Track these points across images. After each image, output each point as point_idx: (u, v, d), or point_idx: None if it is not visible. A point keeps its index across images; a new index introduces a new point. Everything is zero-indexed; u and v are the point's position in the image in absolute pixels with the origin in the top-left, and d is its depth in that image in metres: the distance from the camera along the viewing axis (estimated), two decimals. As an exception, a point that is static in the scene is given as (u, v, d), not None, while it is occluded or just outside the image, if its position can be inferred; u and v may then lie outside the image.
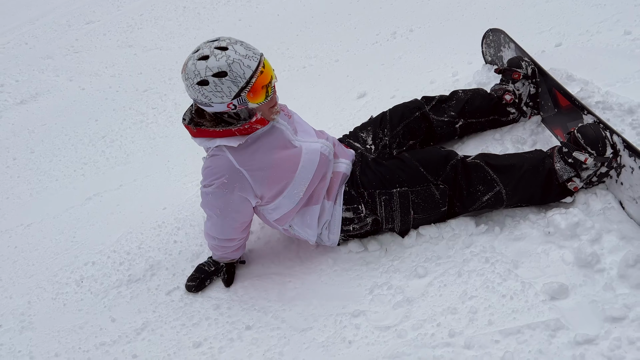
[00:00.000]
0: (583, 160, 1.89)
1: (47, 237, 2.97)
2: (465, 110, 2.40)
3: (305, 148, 2.03)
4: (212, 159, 1.95)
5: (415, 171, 2.06)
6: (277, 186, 1.98)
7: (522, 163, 2.01)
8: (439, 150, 2.15)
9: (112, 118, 4.24)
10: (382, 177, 2.08)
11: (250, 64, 1.77)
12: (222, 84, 1.75)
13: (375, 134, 2.37)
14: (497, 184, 2.00)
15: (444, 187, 2.04)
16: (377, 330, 1.84)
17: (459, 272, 1.94)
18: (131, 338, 2.12)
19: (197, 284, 2.24)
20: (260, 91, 1.82)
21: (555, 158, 1.99)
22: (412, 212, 2.08)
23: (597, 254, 1.77)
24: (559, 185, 1.98)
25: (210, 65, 1.74)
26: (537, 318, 1.67)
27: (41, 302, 2.46)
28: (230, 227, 2.08)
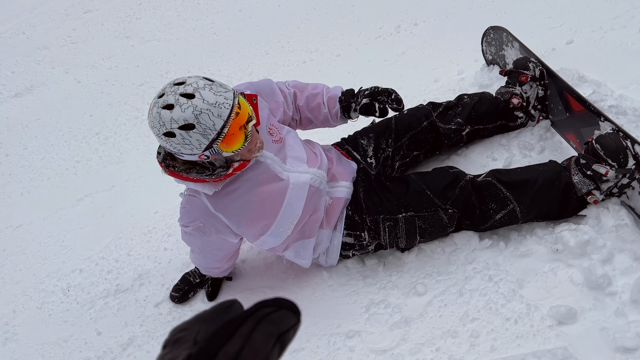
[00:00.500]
0: (604, 173, 1.75)
1: (36, 241, 2.88)
2: (472, 116, 2.27)
3: (292, 182, 1.83)
4: (187, 199, 1.80)
5: (422, 195, 1.92)
6: (258, 225, 1.82)
7: (537, 178, 1.88)
8: (447, 171, 2.00)
9: (107, 113, 4.12)
10: (387, 201, 1.94)
11: (221, 112, 1.50)
12: (189, 136, 1.49)
13: (377, 145, 2.19)
14: (511, 201, 1.88)
15: (452, 211, 1.91)
16: (373, 354, 1.74)
17: (461, 291, 1.83)
18: (116, 354, 2.03)
19: (180, 295, 2.15)
20: (235, 138, 1.57)
21: (573, 170, 1.85)
22: (419, 238, 1.95)
23: (608, 275, 1.66)
24: (577, 199, 1.85)
25: (176, 117, 1.47)
26: (543, 345, 1.56)
27: (26, 311, 2.37)
28: (212, 259, 1.98)
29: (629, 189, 1.80)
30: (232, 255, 2.04)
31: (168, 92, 1.51)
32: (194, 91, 1.49)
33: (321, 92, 2.07)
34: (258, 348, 0.36)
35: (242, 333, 0.36)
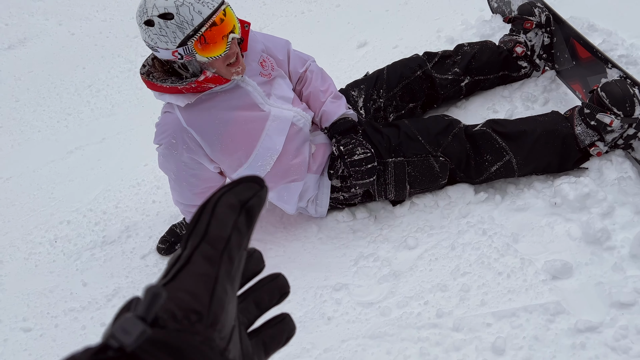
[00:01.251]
0: (608, 122, 1.65)
1: (25, 192, 2.83)
2: (472, 66, 2.15)
3: (273, 114, 1.78)
4: (162, 116, 1.76)
5: (413, 140, 1.85)
6: (235, 154, 1.76)
7: (535, 128, 1.78)
8: (442, 118, 1.92)
9: (99, 66, 4.01)
10: (377, 144, 1.87)
11: (202, 10, 1.51)
12: (167, 27, 1.50)
13: (367, 95, 2.10)
14: (507, 152, 1.79)
15: (444, 159, 1.83)
16: (360, 307, 1.69)
17: (453, 245, 1.76)
18: (101, 304, 2.00)
19: (166, 247, 2.10)
20: (214, 44, 1.56)
21: (576, 121, 1.75)
22: (408, 187, 1.88)
23: (607, 229, 1.58)
24: (579, 150, 1.76)
25: (158, 4, 1.49)
26: (535, 300, 1.50)
27: (13, 261, 2.34)
28: (189, 192, 1.87)
29: (635, 140, 1.70)
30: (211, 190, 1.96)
31: None
32: None
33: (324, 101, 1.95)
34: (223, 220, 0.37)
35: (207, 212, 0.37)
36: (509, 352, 1.41)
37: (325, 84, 1.98)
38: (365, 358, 1.53)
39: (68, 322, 1.96)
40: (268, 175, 1.83)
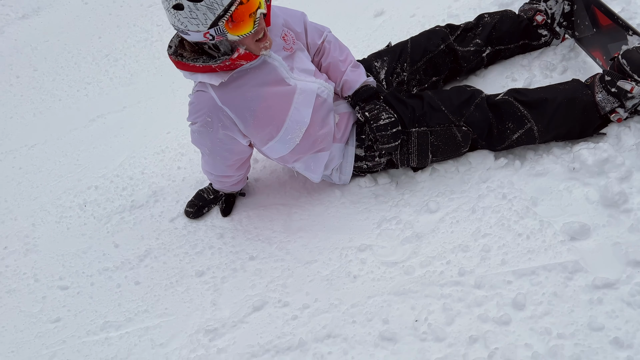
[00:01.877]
0: (629, 89, 1.69)
1: (51, 159, 2.91)
2: (492, 36, 2.17)
3: (299, 87, 1.82)
4: (196, 95, 1.80)
5: (436, 110, 1.89)
6: (266, 128, 1.82)
7: (556, 96, 1.82)
8: (464, 89, 1.96)
9: (115, 35, 4.04)
10: (401, 114, 1.91)
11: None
12: (197, 9, 1.51)
13: (391, 68, 2.12)
14: (528, 120, 1.83)
15: (467, 129, 1.88)
16: (384, 266, 1.77)
17: (473, 209, 1.83)
18: (134, 264, 2.09)
19: (194, 210, 2.19)
20: (242, 22, 1.58)
21: (597, 88, 1.79)
22: (431, 155, 1.94)
23: (625, 192, 1.64)
24: (600, 117, 1.80)
25: None
26: (554, 259, 1.57)
27: (45, 225, 2.43)
28: (222, 164, 1.96)
29: None
30: (243, 164, 2.03)
31: None
32: None
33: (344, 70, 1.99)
34: None
35: None
36: (529, 307, 1.49)
37: (343, 54, 2.01)
38: (391, 313, 1.62)
39: (103, 281, 2.06)
40: (297, 147, 1.89)
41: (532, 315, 1.47)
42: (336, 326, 1.63)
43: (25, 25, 4.53)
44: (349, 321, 1.63)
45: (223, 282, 1.90)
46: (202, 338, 1.73)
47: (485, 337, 1.46)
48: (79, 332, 1.90)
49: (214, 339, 1.71)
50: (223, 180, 2.07)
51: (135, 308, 1.92)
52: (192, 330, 1.77)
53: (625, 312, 1.40)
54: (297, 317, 1.70)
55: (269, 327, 1.70)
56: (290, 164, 1.99)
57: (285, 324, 1.69)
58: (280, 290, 1.80)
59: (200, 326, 1.77)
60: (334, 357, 1.56)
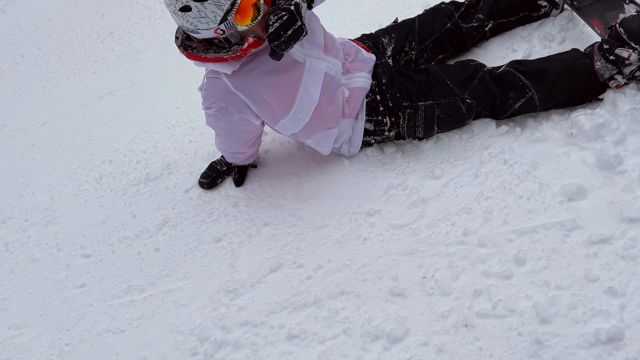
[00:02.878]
0: (626, 56, 1.77)
1: (63, 136, 2.99)
2: (494, 10, 2.24)
3: (308, 67, 1.86)
4: (209, 81, 1.83)
5: (442, 84, 1.96)
6: (277, 109, 1.88)
7: (556, 65, 1.90)
8: (468, 64, 2.03)
9: (118, 13, 4.07)
10: (409, 88, 1.98)
11: None
12: (205, 8, 1.54)
13: (398, 46, 2.18)
14: (529, 89, 1.91)
15: (471, 102, 1.96)
16: (392, 229, 1.87)
17: (476, 174, 1.92)
18: (152, 233, 2.19)
19: (209, 181, 2.28)
20: (249, 11, 1.60)
21: (596, 56, 1.87)
22: (437, 127, 2.01)
23: (620, 155, 1.73)
24: (599, 84, 1.89)
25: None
26: (553, 218, 1.68)
27: (63, 198, 2.52)
28: (237, 143, 2.05)
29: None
30: (255, 141, 2.12)
31: None
32: None
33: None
34: None
35: None
36: (530, 262, 1.60)
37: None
38: (400, 271, 1.73)
39: (124, 249, 2.16)
40: (307, 125, 1.97)
41: (533, 270, 1.58)
42: (348, 284, 1.74)
43: (26, 4, 4.55)
44: (361, 279, 1.74)
45: (240, 247, 2.01)
46: (223, 298, 1.84)
47: (488, 290, 1.58)
48: (105, 296, 2.01)
49: (234, 299, 1.83)
50: (236, 156, 2.16)
51: (156, 273, 2.03)
52: (212, 292, 1.88)
53: (619, 264, 1.51)
54: (311, 277, 1.81)
55: (285, 287, 1.81)
56: (301, 139, 2.08)
57: (301, 283, 1.80)
58: (294, 253, 1.91)
59: (221, 287, 1.88)
60: (348, 312, 1.67)
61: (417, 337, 1.54)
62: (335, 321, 1.66)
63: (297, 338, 1.65)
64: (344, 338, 1.61)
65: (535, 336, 1.43)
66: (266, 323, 1.72)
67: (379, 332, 1.58)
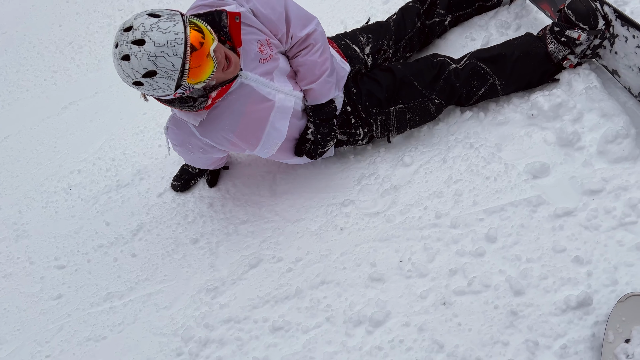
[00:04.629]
0: (576, 37, 1.86)
1: (27, 149, 2.93)
2: (451, 4, 2.31)
3: (277, 105, 1.82)
4: (174, 121, 1.82)
5: (409, 86, 2.00)
6: (244, 144, 1.87)
7: (513, 51, 1.98)
8: (432, 61, 2.06)
9: (76, 22, 4.00)
10: (378, 95, 2.01)
11: (176, 50, 1.45)
12: (155, 82, 1.49)
13: (376, 45, 2.16)
14: (491, 76, 1.99)
15: (439, 102, 2.01)
16: (367, 217, 1.92)
17: (444, 159, 1.98)
18: (128, 239, 2.18)
19: (182, 184, 2.28)
20: (203, 65, 1.53)
21: (548, 39, 1.96)
22: (409, 128, 2.07)
23: (578, 132, 1.82)
24: (554, 65, 1.98)
25: (135, 67, 1.47)
26: (520, 196, 1.75)
27: (32, 211, 2.48)
28: (203, 165, 2.10)
29: (600, 49, 1.92)
30: (222, 159, 2.15)
31: (120, 41, 1.49)
32: (143, 35, 1.44)
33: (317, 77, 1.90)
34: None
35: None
36: (500, 239, 1.66)
37: (323, 57, 1.89)
38: (377, 257, 1.77)
39: (100, 257, 2.14)
40: (275, 154, 1.97)
41: (504, 246, 1.64)
42: (328, 273, 1.77)
43: (-22, 18, 4.42)
44: (340, 268, 1.78)
45: (218, 246, 2.01)
46: (204, 297, 1.84)
47: (463, 268, 1.63)
48: (83, 305, 1.98)
49: (216, 297, 1.83)
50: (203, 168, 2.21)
51: (135, 278, 2.02)
52: (193, 292, 1.88)
53: (584, 234, 1.59)
54: (291, 270, 1.83)
55: (266, 281, 1.83)
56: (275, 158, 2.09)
57: (281, 276, 1.82)
58: (273, 248, 1.93)
59: (201, 287, 1.89)
60: (329, 301, 1.71)
61: (398, 319, 1.59)
62: (317, 310, 1.69)
63: (281, 330, 1.67)
64: (328, 326, 1.64)
65: (510, 308, 1.49)
66: (249, 318, 1.73)
67: (361, 317, 1.62)
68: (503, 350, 1.43)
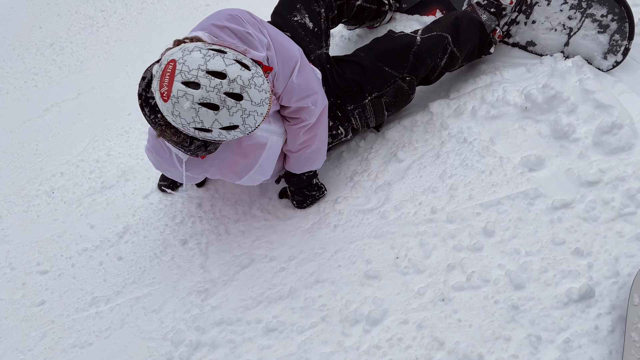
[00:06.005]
0: (509, 2, 1.98)
1: (7, 152, 2.83)
2: None
3: (268, 146, 1.76)
4: (155, 146, 1.70)
5: (380, 72, 1.92)
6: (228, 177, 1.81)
7: (462, 17, 2.03)
8: (395, 39, 1.99)
9: (57, 24, 3.90)
10: (348, 91, 1.93)
11: (264, 110, 1.41)
12: (228, 134, 1.40)
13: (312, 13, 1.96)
14: (449, 44, 1.98)
15: (410, 78, 1.97)
16: (361, 214, 1.87)
17: (438, 154, 1.95)
18: (114, 242, 2.10)
19: (168, 183, 2.20)
20: None
21: (479, 11, 2.02)
22: (386, 112, 2.02)
23: (572, 124, 1.80)
24: (488, 34, 2.05)
25: (221, 119, 1.35)
26: (516, 189, 1.72)
27: (12, 215, 2.39)
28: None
29: (513, 25, 2.08)
30: None
31: (207, 86, 1.31)
32: (242, 91, 1.35)
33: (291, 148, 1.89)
34: None
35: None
36: (498, 233, 1.63)
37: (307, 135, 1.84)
38: (372, 254, 1.73)
39: (84, 261, 2.06)
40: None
41: (502, 240, 1.61)
42: (323, 272, 1.72)
43: (-44, 21, 4.31)
44: (335, 266, 1.73)
45: (208, 247, 1.95)
46: (195, 299, 1.78)
47: (461, 263, 1.59)
48: (67, 311, 1.90)
49: (207, 299, 1.77)
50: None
51: (122, 282, 1.94)
52: (183, 294, 1.82)
53: (582, 226, 1.56)
54: (284, 269, 1.78)
55: (258, 281, 1.77)
56: None
57: (274, 276, 1.77)
58: (265, 247, 1.87)
59: (192, 289, 1.82)
60: (324, 300, 1.65)
61: (396, 317, 1.54)
62: (312, 310, 1.63)
63: (275, 331, 1.61)
64: (323, 325, 1.59)
65: (511, 302, 1.46)
66: (242, 319, 1.67)
67: (358, 316, 1.57)
68: (505, 346, 1.39)
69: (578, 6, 1.97)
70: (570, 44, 2.03)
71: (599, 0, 1.91)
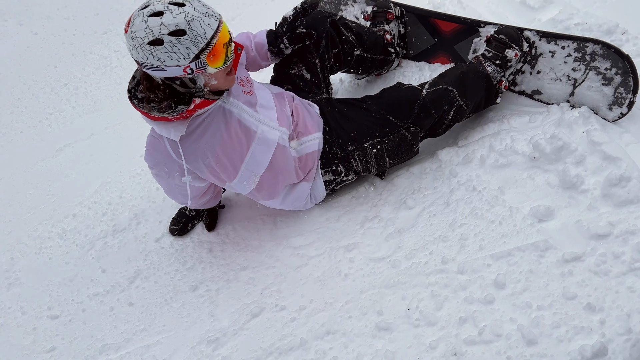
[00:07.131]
0: (513, 55, 2.04)
1: (20, 192, 2.87)
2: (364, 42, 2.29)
3: (259, 136, 1.83)
4: (151, 141, 1.78)
5: (384, 120, 1.99)
6: (222, 174, 1.84)
7: (467, 70, 2.08)
8: (402, 90, 2.07)
9: (72, 64, 4.01)
10: (353, 132, 2.00)
11: (211, 22, 1.51)
12: (179, 43, 1.47)
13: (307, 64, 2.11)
14: (456, 97, 2.04)
15: (414, 129, 2.02)
16: (372, 262, 1.88)
17: (447, 202, 1.97)
18: (125, 287, 2.11)
19: (179, 228, 2.23)
20: (219, 54, 1.57)
21: (485, 63, 2.08)
22: (388, 159, 2.06)
23: (581, 175, 1.82)
24: (494, 86, 2.10)
25: (166, 22, 1.45)
26: (526, 240, 1.73)
27: (25, 257, 2.41)
28: (183, 199, 1.95)
29: (520, 74, 2.14)
30: (205, 194, 2.02)
31: (154, 2, 1.49)
32: (184, 1, 1.50)
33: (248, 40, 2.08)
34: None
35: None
36: (509, 285, 1.63)
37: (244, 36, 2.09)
38: (384, 305, 1.72)
39: (95, 306, 2.07)
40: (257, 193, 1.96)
41: (513, 293, 1.61)
42: (334, 323, 1.72)
43: (-27, 60, 4.42)
44: (346, 317, 1.73)
45: (218, 294, 1.96)
46: (205, 349, 1.78)
47: (473, 316, 1.59)
48: (77, 358, 1.90)
49: (217, 349, 1.77)
50: (192, 206, 2.04)
51: (132, 328, 1.95)
52: (193, 343, 1.81)
53: (594, 280, 1.56)
54: (295, 319, 1.78)
55: (269, 331, 1.77)
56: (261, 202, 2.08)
57: (285, 326, 1.77)
58: (275, 296, 1.88)
59: (202, 338, 1.82)
60: (335, 352, 1.65)
61: (408, 371, 1.53)
62: (323, 362, 1.62)
63: (286, 384, 1.61)
64: (335, 379, 1.58)
65: (524, 359, 1.45)
66: (253, 371, 1.67)
67: (370, 370, 1.56)
68: (519, 404, 1.38)
69: (582, 59, 2.01)
70: (575, 94, 2.07)
71: (603, 54, 1.95)
